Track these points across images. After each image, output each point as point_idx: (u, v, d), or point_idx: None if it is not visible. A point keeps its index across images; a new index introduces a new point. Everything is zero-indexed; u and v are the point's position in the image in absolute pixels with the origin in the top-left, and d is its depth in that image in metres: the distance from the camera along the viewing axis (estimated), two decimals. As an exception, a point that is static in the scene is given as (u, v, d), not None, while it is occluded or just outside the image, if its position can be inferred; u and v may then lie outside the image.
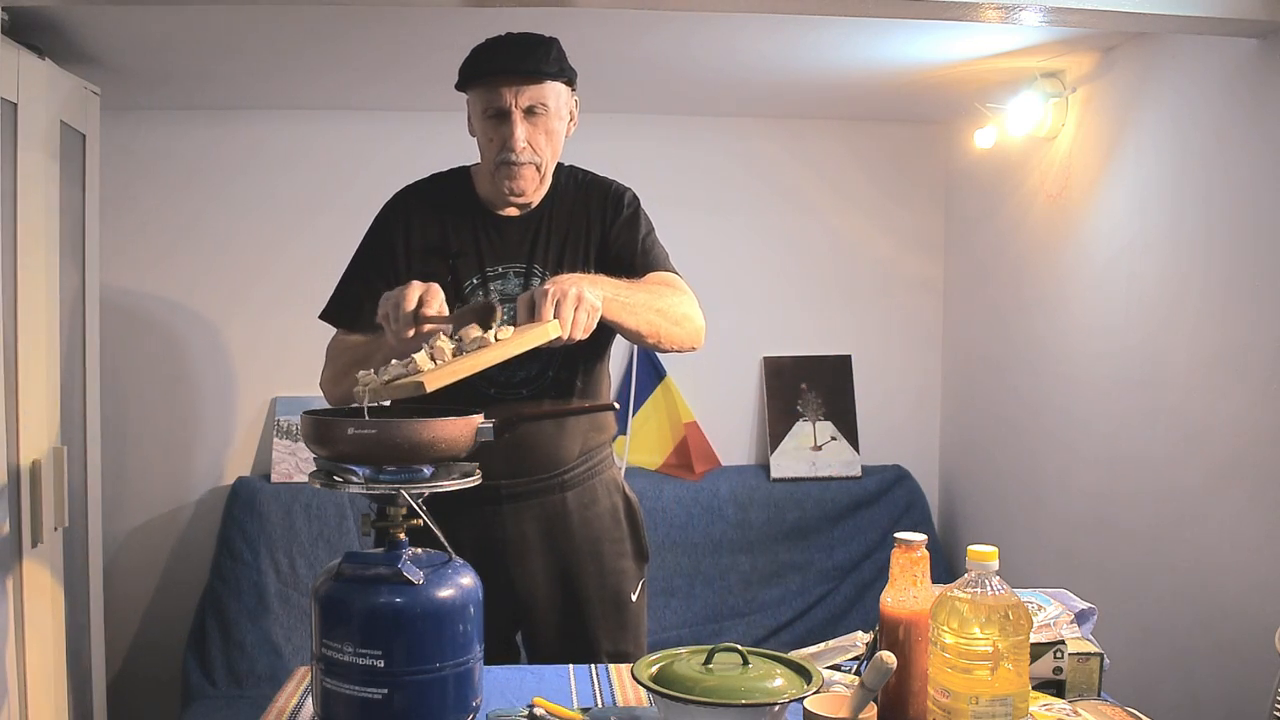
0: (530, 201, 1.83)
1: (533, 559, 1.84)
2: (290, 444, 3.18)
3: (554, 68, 1.75)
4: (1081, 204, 2.69)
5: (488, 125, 1.76)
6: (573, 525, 1.86)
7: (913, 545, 1.34)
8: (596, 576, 1.86)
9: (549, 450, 1.82)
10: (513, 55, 1.73)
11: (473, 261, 1.80)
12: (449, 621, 1.30)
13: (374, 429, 1.31)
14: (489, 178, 1.81)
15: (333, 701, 1.29)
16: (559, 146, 1.81)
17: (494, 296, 1.79)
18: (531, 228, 1.83)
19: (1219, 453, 2.18)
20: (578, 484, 1.86)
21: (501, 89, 1.72)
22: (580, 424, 1.85)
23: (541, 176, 1.80)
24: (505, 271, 1.81)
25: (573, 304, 1.53)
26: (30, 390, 2.12)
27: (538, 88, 1.73)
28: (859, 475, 3.39)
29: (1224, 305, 2.17)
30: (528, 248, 1.82)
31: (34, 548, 2.14)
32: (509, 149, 1.74)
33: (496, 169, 1.77)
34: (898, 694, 1.34)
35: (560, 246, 1.83)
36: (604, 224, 1.85)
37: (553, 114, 1.76)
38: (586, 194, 1.87)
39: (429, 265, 1.80)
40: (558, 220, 1.84)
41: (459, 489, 1.38)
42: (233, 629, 2.97)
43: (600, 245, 1.84)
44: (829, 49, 2.54)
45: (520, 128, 1.73)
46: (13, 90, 2.07)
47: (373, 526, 1.35)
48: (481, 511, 1.81)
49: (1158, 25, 2.05)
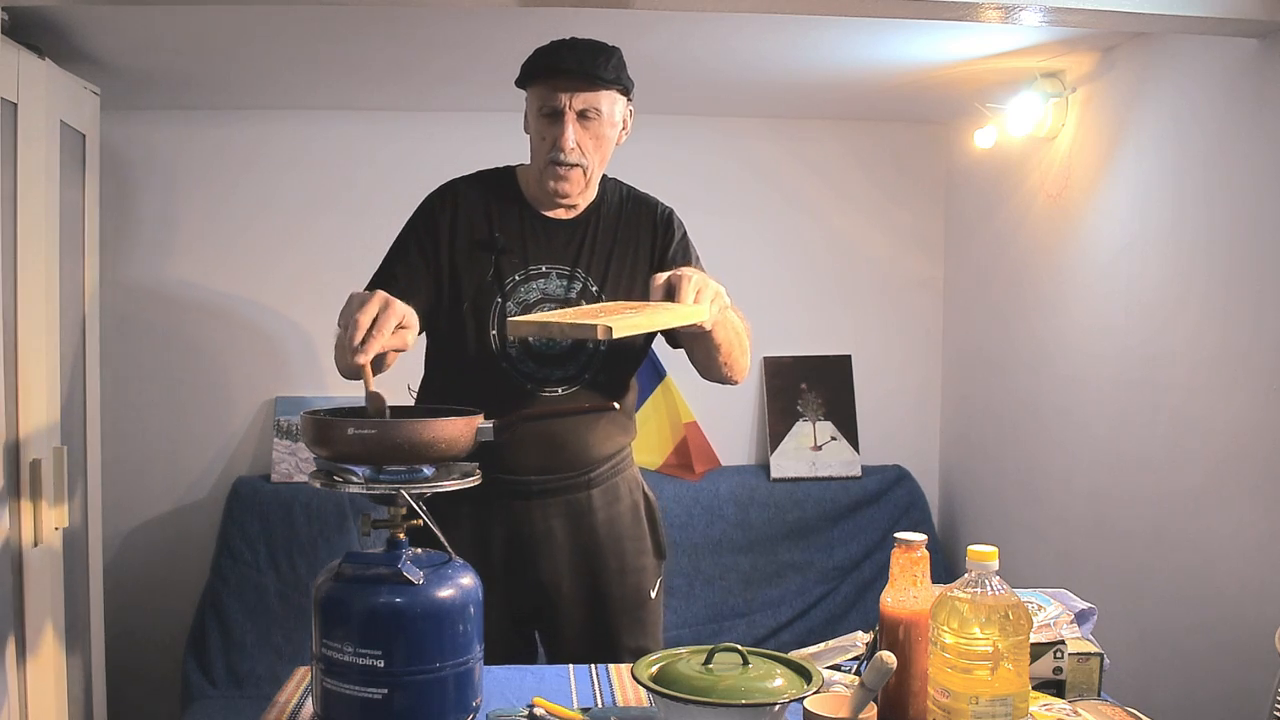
0: (576, 205, 1.85)
1: (558, 554, 1.85)
2: (290, 444, 3.18)
3: (611, 75, 1.76)
4: (1081, 204, 2.69)
5: (541, 123, 1.78)
6: (597, 522, 1.88)
7: (913, 545, 1.34)
8: (618, 573, 1.88)
9: (582, 448, 1.84)
10: (572, 58, 1.75)
11: (517, 258, 1.82)
12: (449, 621, 1.30)
13: (374, 429, 1.31)
14: (537, 177, 1.83)
15: (333, 701, 1.29)
16: (608, 153, 1.83)
17: (535, 293, 1.81)
18: (579, 232, 1.85)
19: (1219, 453, 2.18)
20: (603, 481, 1.88)
21: (558, 90, 1.74)
22: (611, 425, 1.87)
23: (588, 181, 1.81)
24: (549, 271, 1.83)
25: (710, 296, 1.60)
26: (30, 390, 2.12)
27: (593, 93, 1.75)
28: (859, 475, 3.39)
29: (1224, 305, 2.17)
30: (574, 251, 1.84)
31: (34, 548, 2.14)
32: (559, 148, 1.75)
33: (545, 168, 1.79)
34: (898, 694, 1.34)
35: (607, 255, 1.85)
36: (654, 245, 1.89)
37: (605, 120, 1.78)
38: (634, 209, 1.90)
39: (472, 257, 1.82)
40: (605, 229, 1.87)
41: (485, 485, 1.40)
42: (233, 629, 2.97)
43: (650, 265, 1.87)
44: (829, 49, 2.54)
45: (571, 129, 1.75)
46: (13, 90, 2.07)
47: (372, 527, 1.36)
48: (511, 506, 1.83)
49: (1158, 25, 2.05)
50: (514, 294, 1.80)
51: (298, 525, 3.07)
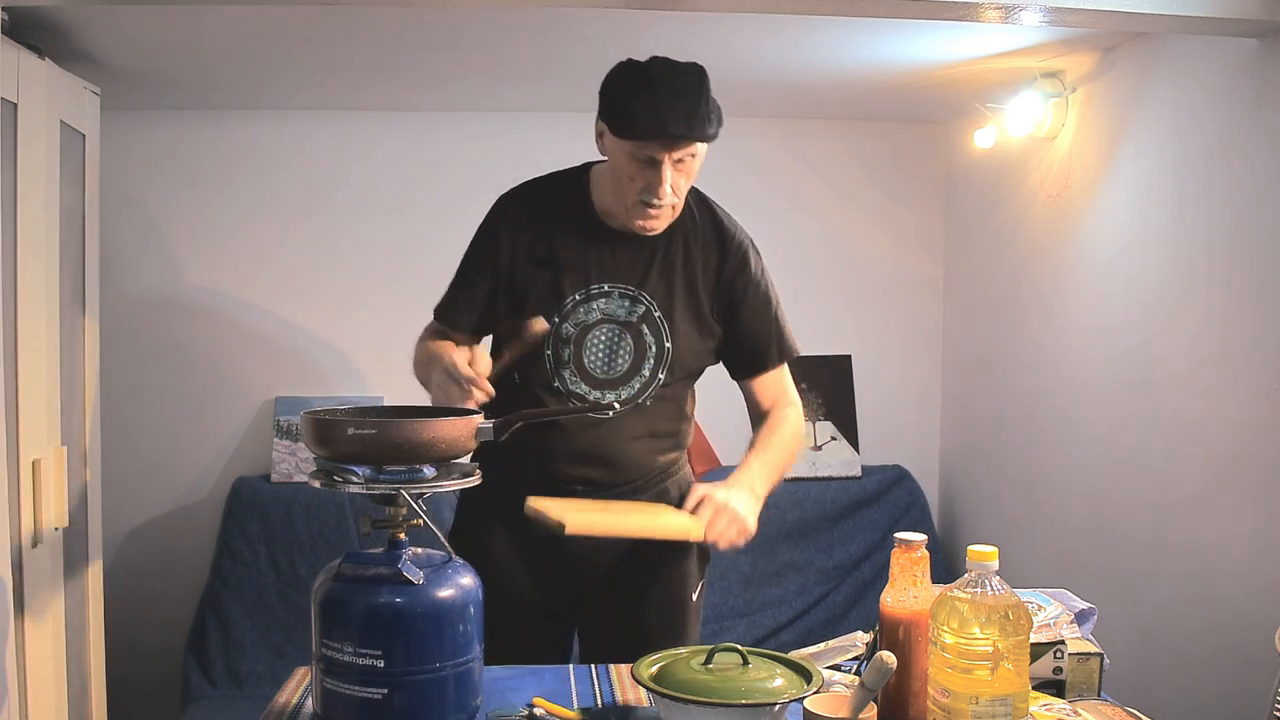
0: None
1: (598, 555, 1.84)
2: (290, 444, 3.18)
3: (715, 128, 1.67)
4: (1081, 204, 2.69)
5: (633, 166, 1.68)
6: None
7: (913, 545, 1.34)
8: (659, 577, 1.87)
9: (630, 463, 1.83)
10: (675, 115, 1.62)
11: (579, 277, 1.77)
12: (449, 621, 1.30)
13: (374, 429, 1.31)
14: (618, 200, 1.74)
15: (333, 701, 1.29)
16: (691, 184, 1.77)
17: (595, 314, 1.77)
18: (646, 252, 1.79)
19: (1219, 454, 2.18)
20: (651, 487, 1.87)
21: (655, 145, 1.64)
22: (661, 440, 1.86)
23: (673, 214, 1.76)
24: (611, 291, 1.78)
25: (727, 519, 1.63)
26: (30, 390, 2.12)
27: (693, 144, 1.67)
28: (859, 475, 3.39)
29: (1224, 306, 2.17)
30: (640, 271, 1.78)
31: (34, 548, 2.14)
32: (653, 194, 1.68)
33: (634, 205, 1.71)
34: (898, 694, 1.34)
35: (672, 278, 1.79)
36: (718, 274, 1.82)
37: (698, 159, 1.72)
38: (710, 233, 1.83)
39: (533, 276, 1.77)
40: (676, 250, 1.80)
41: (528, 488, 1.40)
42: (233, 629, 2.97)
43: (711, 296, 1.82)
44: (829, 49, 2.54)
45: (669, 177, 1.67)
46: (13, 90, 2.07)
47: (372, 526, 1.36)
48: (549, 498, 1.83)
49: (1158, 25, 2.05)
50: (572, 315, 1.76)
51: (298, 525, 3.07)
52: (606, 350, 1.77)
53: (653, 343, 1.78)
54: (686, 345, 1.80)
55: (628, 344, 1.77)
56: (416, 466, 1.34)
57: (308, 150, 3.23)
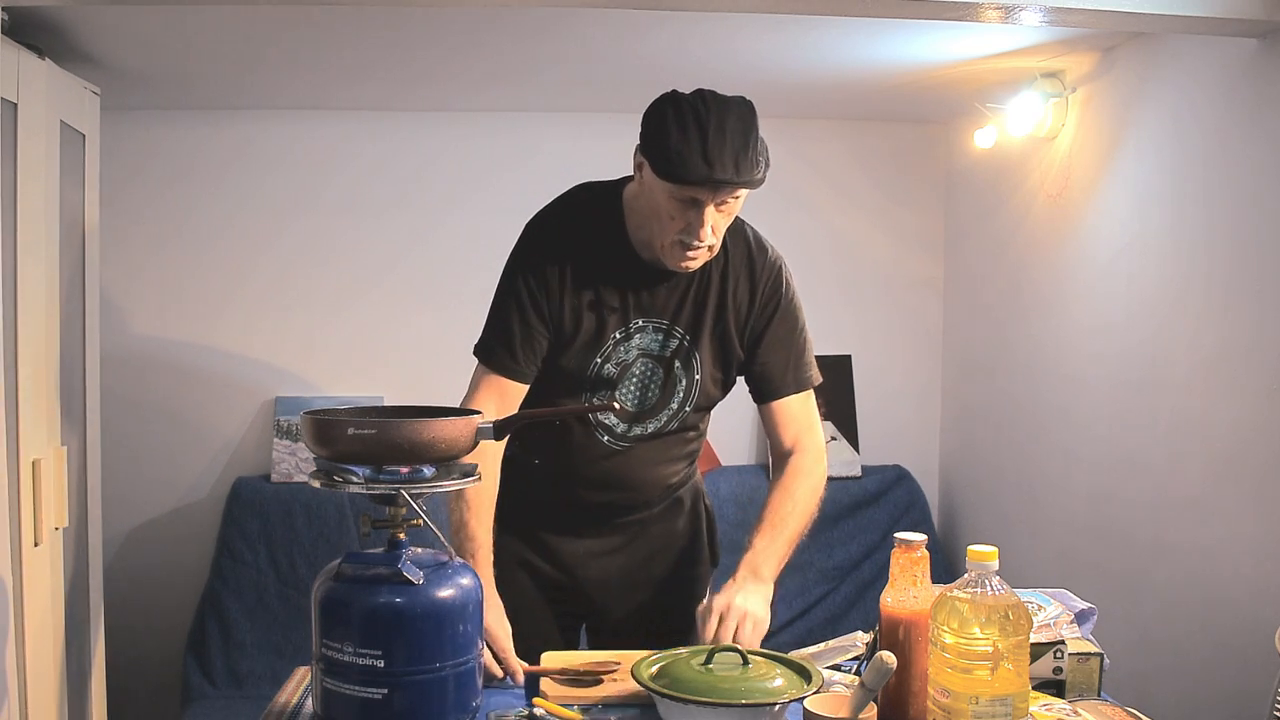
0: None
1: (611, 559, 1.86)
2: (290, 444, 3.18)
3: (763, 171, 1.62)
4: (1081, 204, 2.69)
5: (673, 205, 1.60)
6: (653, 532, 1.88)
7: (913, 545, 1.34)
8: (669, 582, 1.88)
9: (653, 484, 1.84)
10: (722, 162, 1.55)
11: (619, 315, 1.73)
12: (449, 621, 1.30)
13: (374, 429, 1.31)
14: (653, 236, 1.67)
15: (333, 701, 1.29)
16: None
17: (633, 351, 1.74)
18: (681, 285, 1.75)
19: (1219, 453, 2.18)
20: (664, 499, 1.89)
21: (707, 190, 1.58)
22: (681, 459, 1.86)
23: (712, 253, 1.69)
24: (646, 325, 1.75)
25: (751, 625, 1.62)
26: (30, 390, 2.12)
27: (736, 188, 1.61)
28: (859, 475, 3.38)
29: (1224, 305, 2.17)
30: (674, 306, 1.75)
31: (34, 548, 2.14)
32: (694, 235, 1.61)
33: (671, 245, 1.64)
34: (898, 694, 1.34)
35: (700, 311, 1.75)
36: (751, 303, 1.78)
37: (742, 198, 1.66)
38: (744, 261, 1.78)
39: (580, 318, 1.72)
40: (708, 281, 1.76)
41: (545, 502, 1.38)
42: (233, 629, 2.97)
43: (743, 327, 1.79)
44: (829, 49, 2.53)
45: (710, 220, 1.60)
46: (13, 90, 2.07)
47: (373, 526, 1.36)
48: (564, 515, 1.84)
49: (1158, 25, 2.05)
50: (614, 354, 1.73)
51: (298, 525, 3.07)
52: (640, 385, 1.76)
53: (682, 375, 1.77)
54: (709, 375, 1.79)
55: (659, 378, 1.76)
56: (416, 466, 1.34)
57: (307, 149, 3.23)
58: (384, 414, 1.45)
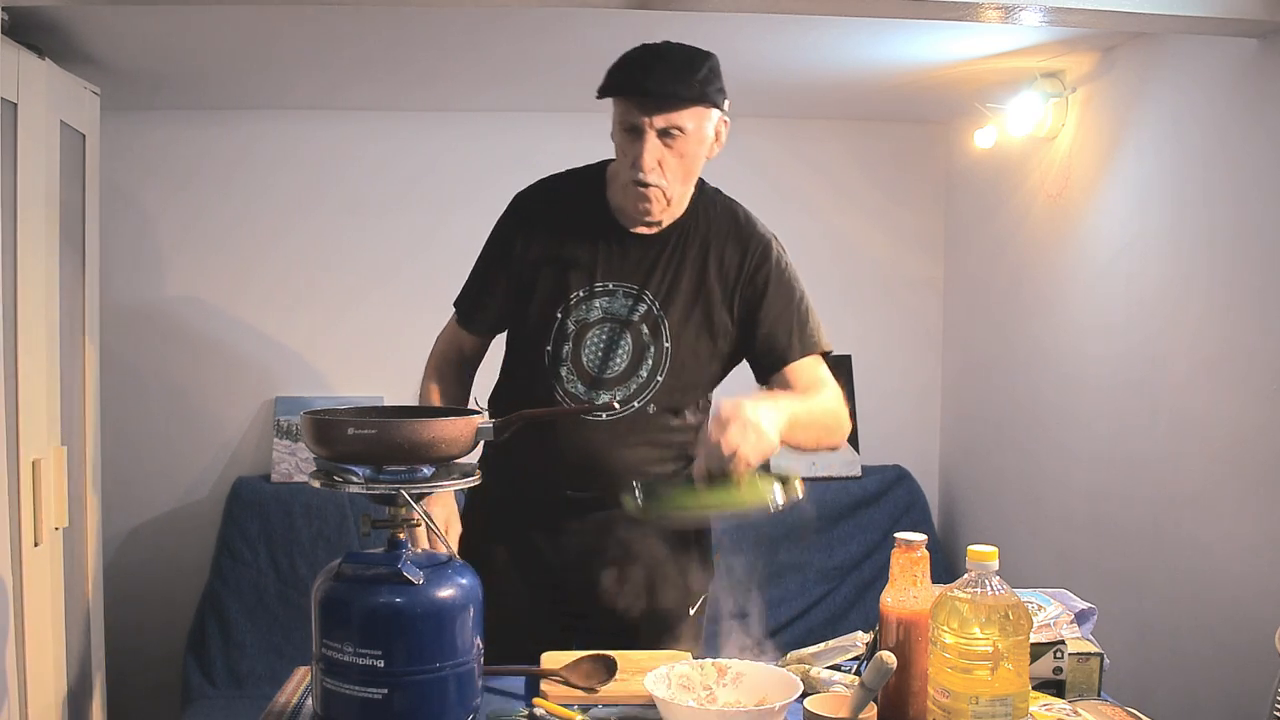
0: (660, 221, 1.76)
1: (594, 567, 1.82)
2: (290, 444, 3.18)
3: (695, 91, 1.64)
4: (1081, 204, 2.69)
5: (623, 138, 1.69)
6: (636, 538, 1.83)
7: (913, 545, 1.34)
8: (655, 589, 1.84)
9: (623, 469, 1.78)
10: (654, 74, 1.63)
11: (585, 274, 1.74)
12: (449, 621, 1.30)
13: (374, 429, 1.31)
14: (621, 190, 1.74)
15: (333, 701, 1.29)
16: (693, 170, 1.73)
17: (596, 312, 1.75)
18: (654, 250, 1.75)
19: (1219, 453, 2.18)
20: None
21: (635, 106, 1.64)
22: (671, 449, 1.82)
23: (669, 200, 1.71)
24: (615, 289, 1.75)
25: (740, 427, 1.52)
26: (30, 390, 2.12)
27: (675, 112, 1.64)
28: (859, 475, 3.39)
29: (1224, 305, 2.17)
30: (645, 270, 1.75)
31: (34, 548, 2.14)
32: (638, 168, 1.66)
33: (627, 185, 1.70)
34: (898, 694, 1.34)
35: (678, 277, 1.75)
36: (739, 272, 1.77)
37: (690, 138, 1.67)
38: (728, 231, 1.79)
39: (539, 273, 1.75)
40: (684, 249, 1.76)
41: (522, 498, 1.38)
42: (233, 629, 2.97)
43: (730, 296, 1.77)
44: (829, 49, 2.54)
45: (651, 149, 1.65)
46: (13, 90, 2.07)
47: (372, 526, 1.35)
48: (549, 517, 1.82)
49: (1158, 25, 2.05)
50: (574, 311, 1.74)
51: (298, 525, 3.07)
52: (604, 348, 1.75)
53: (651, 343, 1.75)
54: (689, 348, 1.77)
55: (626, 343, 1.75)
56: (416, 466, 1.34)
57: (306, 149, 3.23)
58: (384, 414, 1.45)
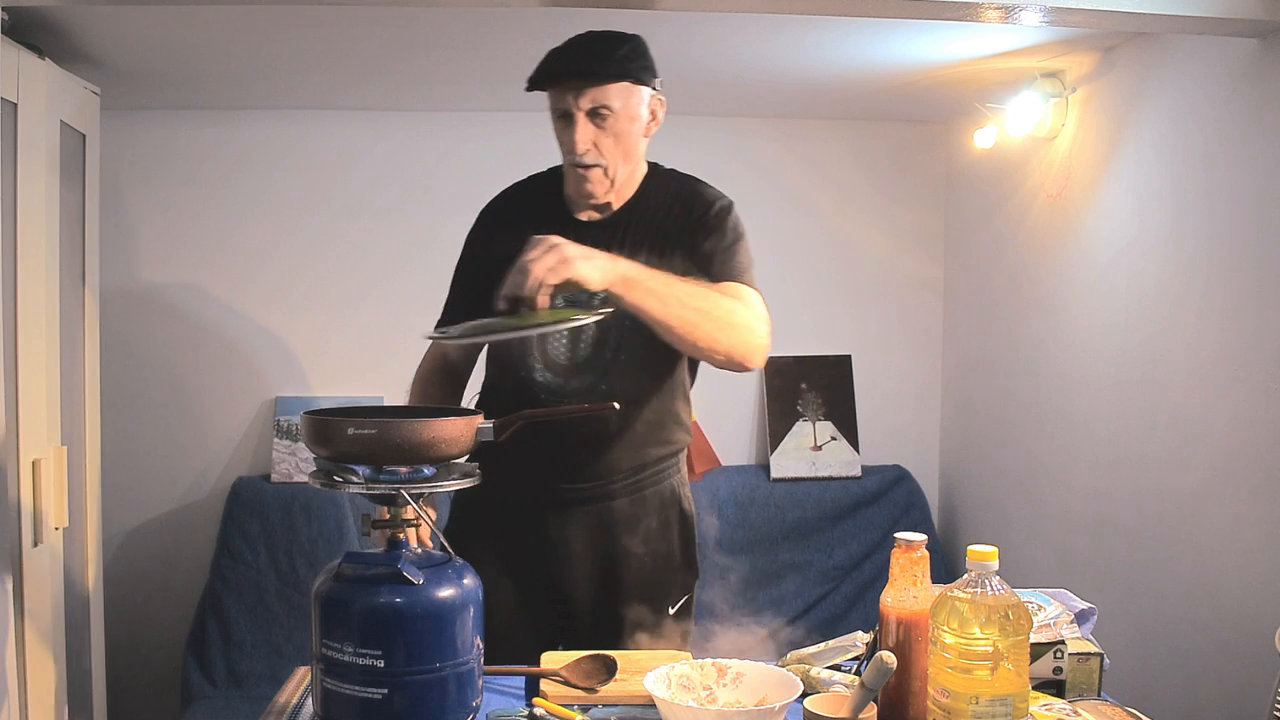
0: (609, 204, 1.79)
1: (576, 565, 1.83)
2: (290, 444, 3.18)
3: (615, 68, 1.70)
4: (1081, 204, 2.69)
5: (557, 126, 1.75)
6: (617, 534, 1.84)
7: (913, 545, 1.34)
8: (636, 587, 1.85)
9: (599, 460, 1.80)
10: (572, 56, 1.71)
11: None
12: (449, 621, 1.30)
13: (374, 429, 1.31)
14: (567, 176, 1.80)
15: (333, 701, 1.29)
16: (631, 149, 1.75)
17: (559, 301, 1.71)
18: (610, 234, 1.77)
19: (1219, 453, 2.18)
20: (627, 494, 1.85)
21: (563, 91, 1.71)
22: (638, 437, 1.82)
23: (612, 180, 1.75)
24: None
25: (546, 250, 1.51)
26: (30, 390, 2.12)
27: (599, 89, 1.69)
28: (859, 475, 3.39)
29: (1224, 305, 2.17)
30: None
31: (34, 548, 2.14)
32: (572, 151, 1.72)
33: (568, 171, 1.77)
34: (898, 694, 1.34)
35: (642, 252, 1.75)
36: (692, 232, 1.79)
37: (621, 115, 1.71)
38: (680, 201, 1.81)
39: (502, 270, 1.72)
40: (640, 226, 1.79)
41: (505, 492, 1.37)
42: (233, 629, 2.97)
43: (687, 250, 1.78)
44: (829, 49, 2.54)
45: (582, 130, 1.70)
46: (13, 90, 2.07)
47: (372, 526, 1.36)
48: (528, 515, 1.82)
49: (1158, 25, 2.05)
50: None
51: (298, 525, 3.07)
52: (569, 337, 1.77)
53: (613, 325, 1.73)
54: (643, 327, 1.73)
55: (589, 330, 1.76)
56: (416, 466, 1.34)
57: (307, 150, 3.23)
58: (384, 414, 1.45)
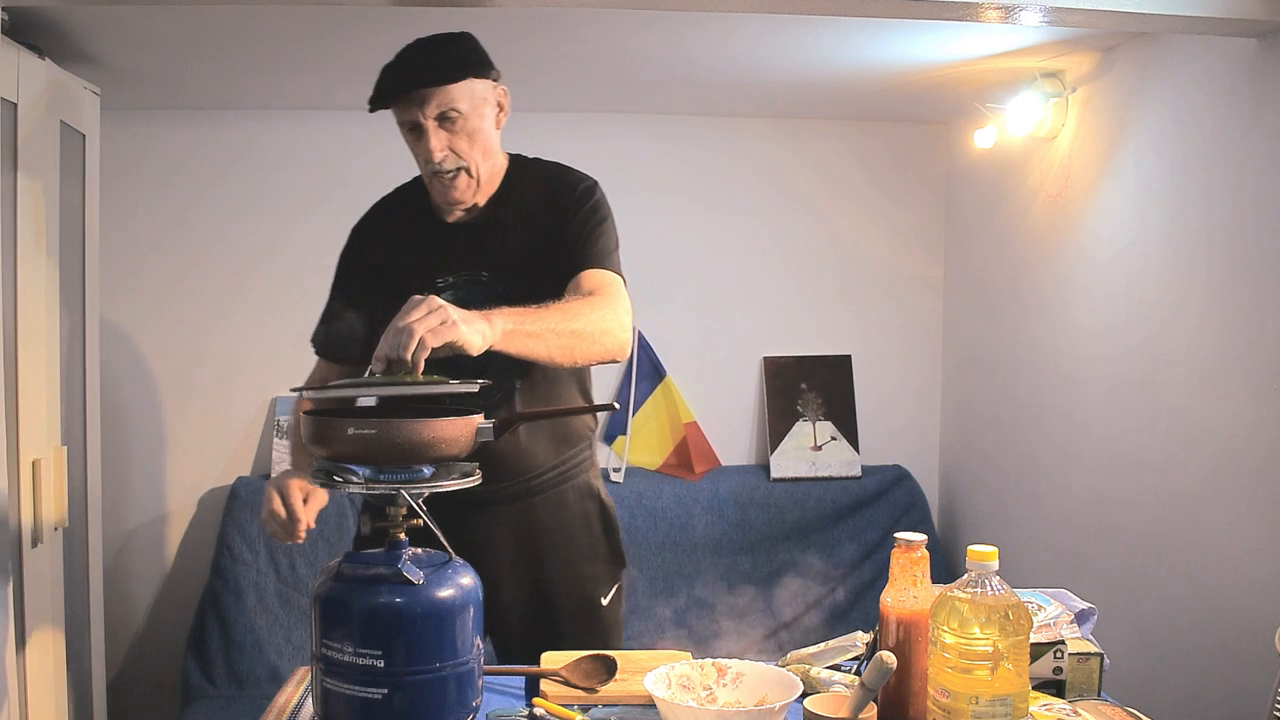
0: (476, 203, 1.79)
1: (502, 564, 1.82)
2: (290, 444, 3.18)
3: (454, 69, 1.68)
4: (1081, 204, 2.69)
5: (409, 140, 1.75)
6: (541, 531, 1.84)
7: (913, 545, 1.34)
8: (565, 581, 1.85)
9: (514, 457, 1.78)
10: (410, 67, 1.68)
11: (424, 275, 1.76)
12: (449, 621, 1.30)
13: (374, 429, 1.31)
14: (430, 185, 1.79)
15: (333, 701, 1.29)
16: (488, 145, 1.76)
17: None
18: (479, 231, 1.79)
19: (1219, 453, 2.18)
20: (546, 490, 1.84)
21: (406, 104, 1.69)
22: (550, 432, 1.82)
23: (477, 179, 1.76)
24: (456, 280, 1.77)
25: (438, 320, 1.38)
26: (30, 390, 2.12)
27: (440, 93, 1.68)
28: (859, 475, 3.39)
29: (1224, 305, 2.17)
30: (478, 253, 1.78)
31: (34, 548, 2.14)
32: (430, 160, 1.71)
33: (430, 181, 1.75)
34: (898, 694, 1.34)
35: (516, 248, 1.77)
36: (564, 216, 1.77)
37: (469, 115, 1.71)
38: (547, 187, 1.81)
39: (383, 284, 1.76)
40: (510, 218, 1.79)
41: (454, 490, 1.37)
42: (233, 629, 2.97)
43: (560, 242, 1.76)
44: (829, 49, 2.54)
45: (435, 138, 1.70)
46: (13, 90, 2.07)
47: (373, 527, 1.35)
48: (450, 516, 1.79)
49: (1158, 25, 2.05)
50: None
51: (298, 525, 3.07)
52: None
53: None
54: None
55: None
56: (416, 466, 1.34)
57: (307, 149, 3.23)
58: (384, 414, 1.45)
